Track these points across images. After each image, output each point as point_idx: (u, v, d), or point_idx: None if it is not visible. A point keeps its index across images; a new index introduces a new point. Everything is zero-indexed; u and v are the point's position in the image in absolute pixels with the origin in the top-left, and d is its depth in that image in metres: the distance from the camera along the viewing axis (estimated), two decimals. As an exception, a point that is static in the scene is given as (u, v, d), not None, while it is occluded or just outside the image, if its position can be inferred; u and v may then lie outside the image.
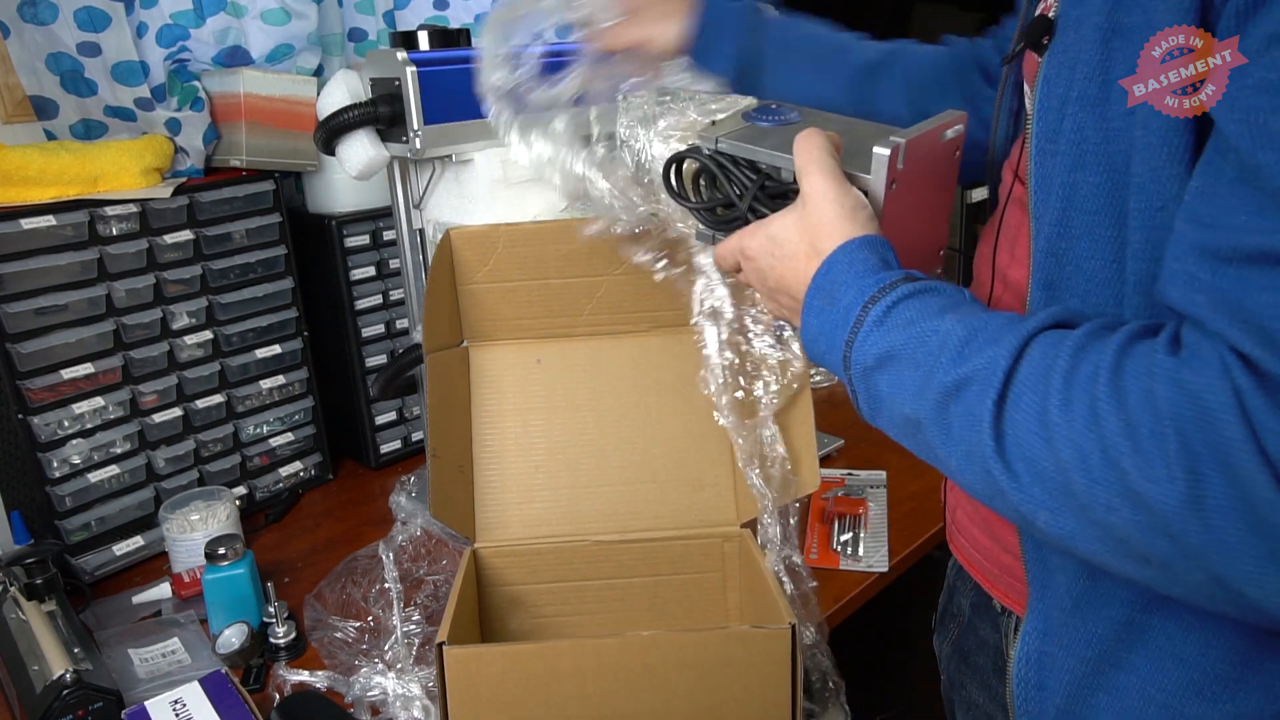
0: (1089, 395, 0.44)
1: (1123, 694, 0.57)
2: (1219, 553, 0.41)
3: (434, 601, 1.02)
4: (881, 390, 0.54)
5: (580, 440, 0.94)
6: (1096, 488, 0.44)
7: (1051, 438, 0.45)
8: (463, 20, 1.58)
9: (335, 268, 1.29)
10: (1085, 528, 0.46)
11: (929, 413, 0.51)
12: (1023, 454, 0.47)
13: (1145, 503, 0.42)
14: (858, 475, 1.26)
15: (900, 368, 0.52)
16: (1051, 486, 0.46)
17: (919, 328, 0.52)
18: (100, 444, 1.12)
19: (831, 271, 0.57)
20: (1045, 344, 0.48)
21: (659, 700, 0.73)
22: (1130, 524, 0.43)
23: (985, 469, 0.48)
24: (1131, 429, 0.43)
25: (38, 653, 0.87)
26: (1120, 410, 0.43)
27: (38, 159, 1.04)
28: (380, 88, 1.00)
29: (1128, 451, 0.43)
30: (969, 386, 0.49)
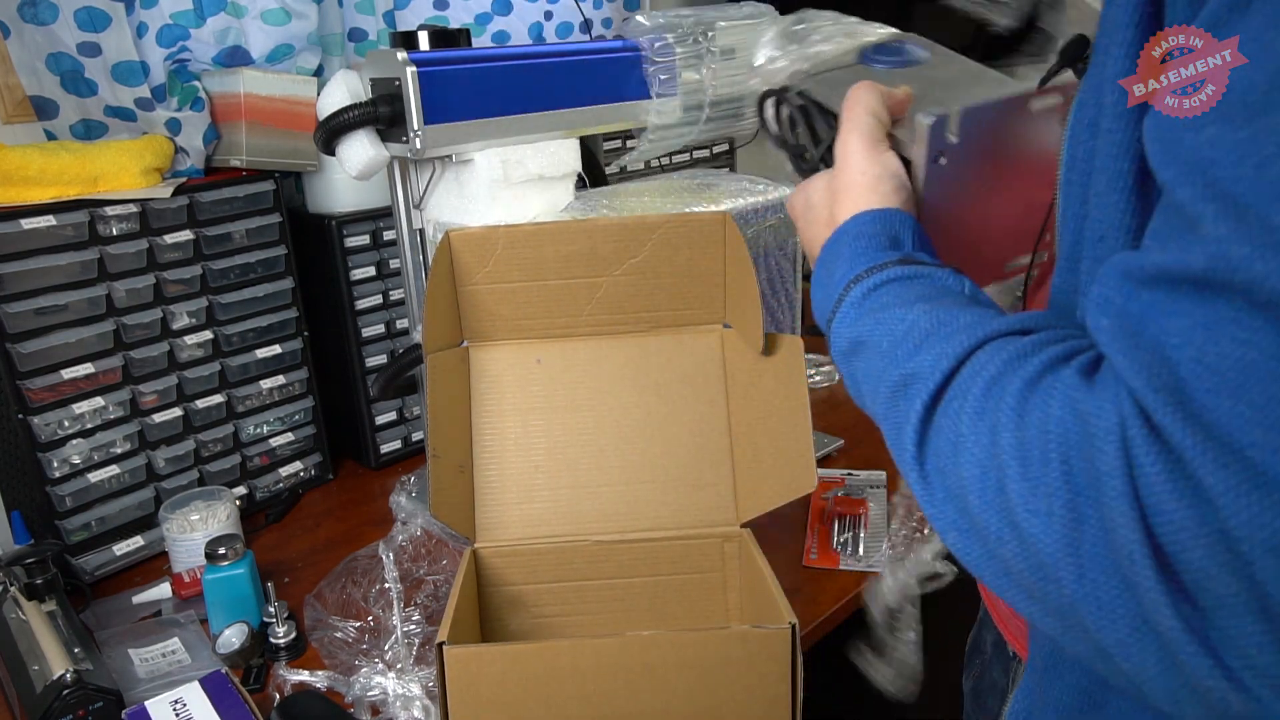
0: (996, 408, 0.40)
1: None
2: (1093, 609, 0.36)
3: (434, 601, 1.02)
4: (857, 376, 0.52)
5: (580, 440, 0.94)
6: (988, 512, 0.40)
7: (959, 450, 0.41)
8: (463, 20, 1.58)
9: (335, 268, 1.29)
10: (985, 558, 0.41)
11: (881, 408, 0.48)
12: (937, 464, 0.43)
13: (1024, 536, 0.38)
14: (858, 475, 1.26)
15: (869, 356, 0.50)
16: (957, 505, 0.42)
17: (889, 314, 0.49)
18: (100, 444, 1.12)
19: (837, 243, 0.55)
20: (992, 349, 0.44)
21: (659, 700, 0.73)
22: (1018, 559, 0.39)
23: (908, 474, 0.45)
24: (1023, 451, 0.38)
25: (38, 653, 0.87)
26: (1018, 429, 0.39)
27: (38, 159, 1.04)
28: (380, 88, 1.00)
29: (1015, 476, 0.38)
30: (911, 384, 0.46)
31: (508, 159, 1.04)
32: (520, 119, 1.04)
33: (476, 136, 1.02)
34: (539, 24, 1.67)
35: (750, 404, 0.93)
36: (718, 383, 0.95)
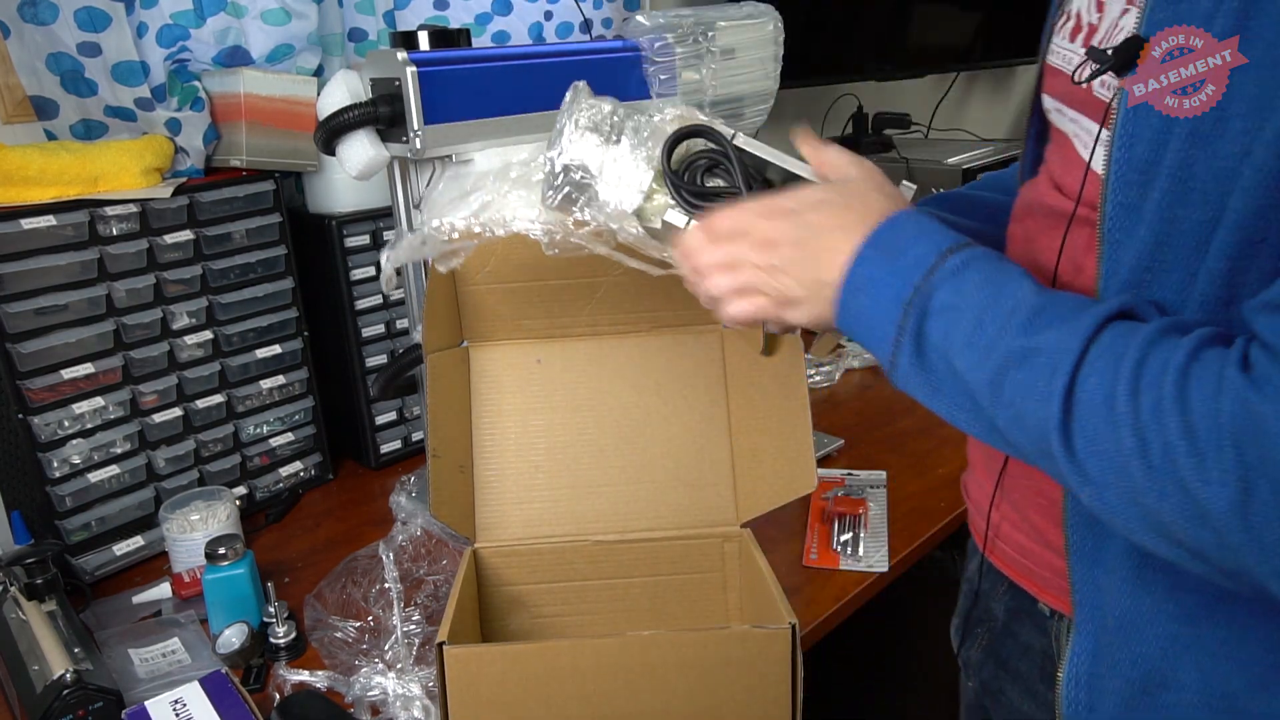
0: (1156, 390, 0.47)
1: (1173, 710, 0.58)
2: (1255, 551, 0.45)
3: (434, 601, 1.02)
4: (932, 338, 0.55)
5: (580, 440, 0.94)
6: (1151, 476, 0.47)
7: (1116, 422, 0.48)
8: (463, 20, 1.58)
9: (335, 268, 1.29)
10: (1129, 507, 0.49)
11: (986, 371, 0.52)
12: (1084, 432, 0.49)
13: (1194, 498, 0.46)
14: (858, 475, 1.26)
15: (961, 319, 0.54)
16: (1106, 466, 0.49)
17: (995, 287, 0.54)
18: (100, 444, 1.12)
19: (897, 227, 0.58)
20: (1116, 332, 0.50)
21: (659, 700, 0.73)
22: (1176, 512, 0.47)
23: (1042, 437, 0.51)
24: (1191, 432, 0.46)
25: (38, 653, 0.87)
26: (1183, 413, 0.46)
27: (38, 159, 1.04)
28: (380, 88, 1.00)
29: (1185, 452, 0.46)
30: (1036, 358, 0.51)
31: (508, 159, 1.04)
32: (520, 119, 1.04)
33: (476, 136, 1.02)
34: (539, 24, 1.67)
35: (750, 404, 0.93)
36: (718, 383, 0.95)
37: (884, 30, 2.05)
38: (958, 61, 2.19)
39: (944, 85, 2.33)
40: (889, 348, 0.57)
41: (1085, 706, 0.62)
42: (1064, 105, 0.62)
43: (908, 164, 2.00)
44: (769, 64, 1.17)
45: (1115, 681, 0.60)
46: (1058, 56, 0.63)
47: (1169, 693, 0.57)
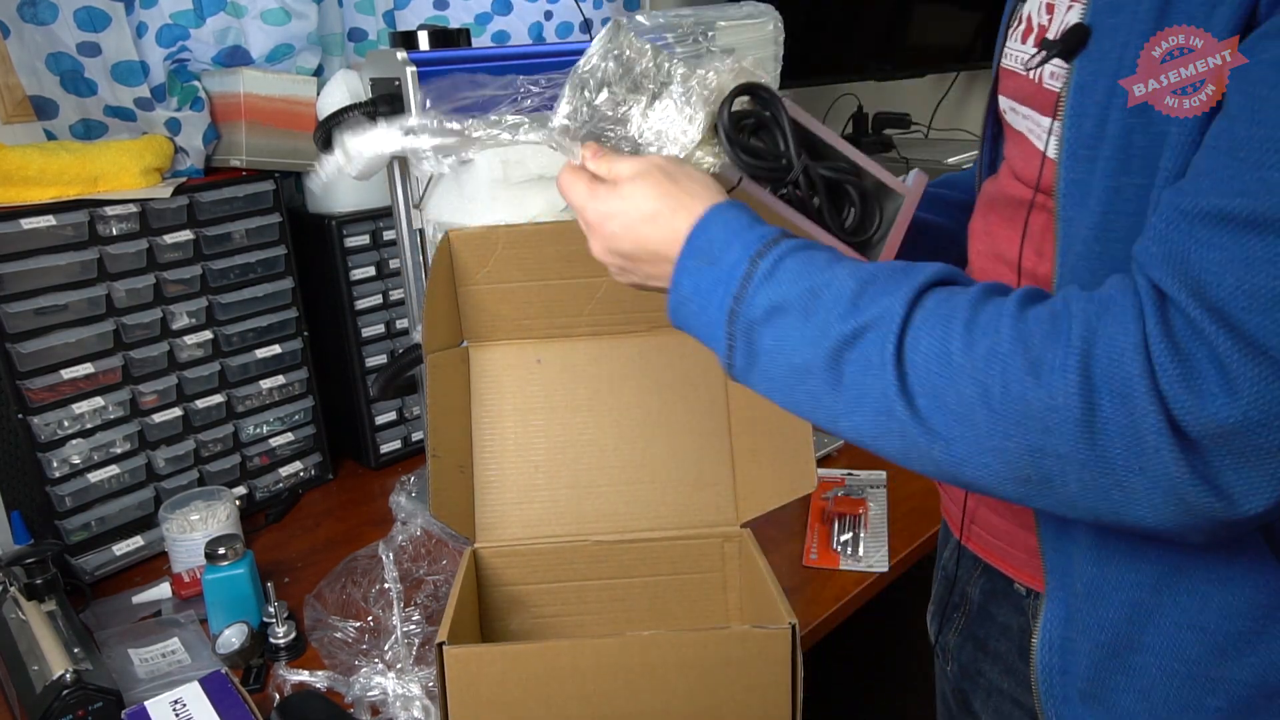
0: (991, 337, 0.49)
1: (1142, 672, 0.59)
2: (1101, 470, 0.46)
3: (434, 601, 1.02)
4: (764, 344, 0.56)
5: (580, 440, 0.94)
6: (995, 417, 0.48)
7: (954, 375, 0.49)
8: (463, 20, 1.58)
9: (335, 268, 1.29)
10: (981, 455, 0.50)
11: (821, 361, 0.54)
12: (925, 389, 0.51)
13: (1043, 425, 0.47)
14: (858, 475, 1.26)
15: (789, 320, 0.55)
16: (952, 418, 0.50)
17: (811, 280, 0.55)
18: (100, 444, 1.12)
19: (708, 231, 0.59)
20: (940, 295, 0.52)
21: (659, 700, 0.73)
22: (1022, 448, 0.48)
23: (886, 408, 0.52)
24: (1035, 365, 0.47)
25: (38, 653, 0.87)
26: (1025, 351, 0.48)
27: (38, 159, 1.04)
28: (380, 88, 1.00)
29: (1030, 385, 0.47)
30: (866, 334, 0.52)
31: (508, 159, 1.04)
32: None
33: (476, 136, 1.02)
34: (539, 24, 1.67)
35: (750, 404, 0.93)
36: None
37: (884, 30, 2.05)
38: (958, 61, 2.18)
39: (944, 85, 2.32)
40: (723, 354, 0.59)
41: (1058, 670, 0.63)
42: (1017, 104, 0.64)
43: (908, 164, 2.00)
44: (769, 64, 1.17)
45: (1085, 644, 0.61)
46: (1011, 58, 0.66)
47: (1137, 655, 0.59)
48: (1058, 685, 0.63)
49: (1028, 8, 0.64)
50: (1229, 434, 0.44)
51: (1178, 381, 0.44)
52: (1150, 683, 0.58)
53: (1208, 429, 0.44)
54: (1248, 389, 0.43)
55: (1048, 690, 0.64)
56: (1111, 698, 0.60)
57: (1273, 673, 0.55)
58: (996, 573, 0.73)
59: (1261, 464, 0.44)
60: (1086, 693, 0.61)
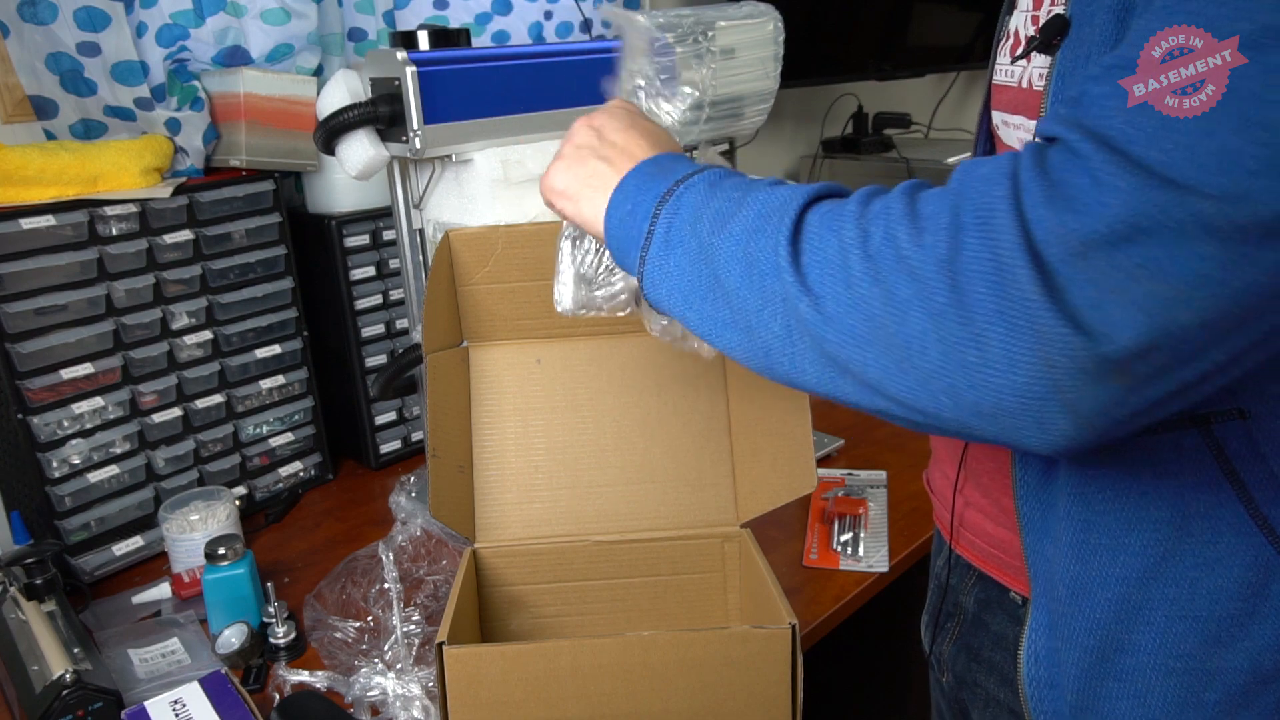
0: (883, 199, 0.49)
1: (1135, 675, 0.58)
2: (958, 320, 0.44)
3: (434, 601, 1.02)
4: (679, 225, 0.57)
5: (580, 440, 0.94)
6: (868, 262, 0.47)
7: (840, 228, 0.49)
8: (463, 20, 1.58)
9: (335, 268, 1.29)
10: (847, 312, 0.48)
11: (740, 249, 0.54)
12: (810, 249, 0.50)
13: (910, 271, 0.45)
14: (858, 475, 1.26)
15: (709, 205, 0.56)
16: (827, 270, 0.49)
17: (730, 193, 0.56)
18: (100, 444, 1.12)
19: (642, 173, 0.62)
20: (831, 202, 0.52)
21: (659, 700, 0.73)
22: (887, 299, 0.46)
23: (774, 271, 0.51)
24: (915, 215, 0.47)
25: (37, 653, 0.87)
26: (909, 203, 0.48)
27: (38, 159, 1.04)
28: (380, 88, 1.00)
29: (907, 234, 0.46)
30: (767, 211, 0.53)
31: (508, 159, 1.04)
32: (520, 119, 1.05)
33: (476, 136, 1.02)
34: (539, 24, 1.67)
35: (750, 404, 0.93)
36: (718, 383, 0.95)
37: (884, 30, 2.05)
38: (958, 61, 2.18)
39: (944, 85, 2.32)
40: (639, 244, 0.59)
41: (1046, 684, 0.62)
42: (1009, 115, 0.65)
43: (908, 164, 2.00)
44: (769, 64, 1.17)
45: (1073, 652, 0.59)
46: (1002, 74, 0.66)
47: (1127, 656, 0.57)
48: (1047, 700, 0.62)
49: (1014, 23, 0.65)
50: (1088, 248, 0.41)
51: (1042, 202, 0.42)
52: (1145, 685, 0.57)
53: (1068, 245, 0.41)
54: (1116, 199, 0.41)
55: (1037, 705, 0.63)
56: (1104, 707, 0.59)
57: (1266, 657, 0.55)
58: (990, 581, 0.73)
59: (1124, 288, 0.41)
60: (1077, 705, 0.60)
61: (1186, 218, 0.40)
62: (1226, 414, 0.53)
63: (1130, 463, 0.55)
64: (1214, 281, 0.40)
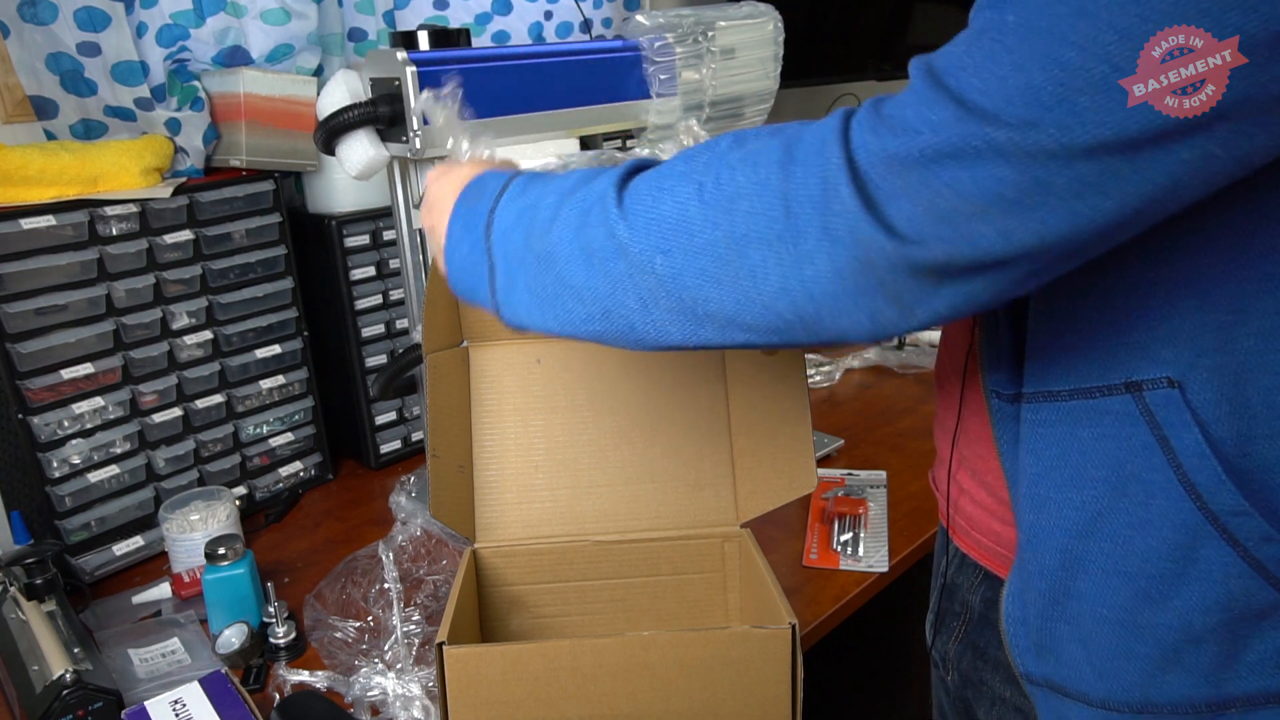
0: (709, 149, 0.53)
1: (1079, 620, 0.60)
2: (791, 240, 0.48)
3: (434, 601, 1.02)
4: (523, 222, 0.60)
5: (580, 440, 0.94)
6: (706, 209, 0.51)
7: (672, 185, 0.53)
8: (463, 20, 1.58)
9: (335, 268, 1.29)
10: (692, 261, 0.52)
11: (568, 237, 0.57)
12: (640, 210, 0.54)
13: (748, 208, 0.49)
14: (858, 475, 1.26)
15: (534, 211, 0.60)
16: (667, 228, 0.53)
17: (547, 185, 0.61)
18: (100, 444, 1.12)
19: (473, 183, 0.67)
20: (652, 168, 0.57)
21: (659, 700, 0.73)
22: (729, 238, 0.50)
23: (610, 245, 0.55)
24: (747, 153, 0.51)
25: (38, 653, 0.87)
26: (737, 143, 0.52)
27: (38, 159, 1.04)
28: (380, 88, 1.00)
29: (742, 169, 0.50)
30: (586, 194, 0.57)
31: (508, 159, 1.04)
32: (520, 119, 1.04)
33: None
34: (539, 24, 1.67)
35: (750, 404, 0.93)
36: (718, 383, 0.95)
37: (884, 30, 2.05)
38: (958, 61, 2.18)
39: (944, 85, 2.32)
40: (484, 279, 0.63)
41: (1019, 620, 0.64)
42: None
43: (908, 164, 2.00)
44: (769, 64, 1.17)
45: (1032, 595, 0.62)
46: None
47: (1074, 602, 0.60)
48: (1020, 636, 0.65)
49: None
50: (904, 167, 0.45)
51: (869, 129, 0.46)
52: (1086, 630, 0.60)
53: (887, 165, 0.45)
54: (931, 128, 0.44)
55: (1014, 642, 0.65)
56: (1058, 648, 0.62)
57: (1195, 617, 0.56)
58: (996, 579, 0.73)
59: (932, 203, 0.45)
60: (1039, 644, 0.63)
61: (984, 144, 0.44)
62: (1156, 382, 0.55)
63: (1072, 422, 0.58)
64: (1007, 200, 0.44)
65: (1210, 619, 0.56)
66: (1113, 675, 0.60)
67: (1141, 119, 0.42)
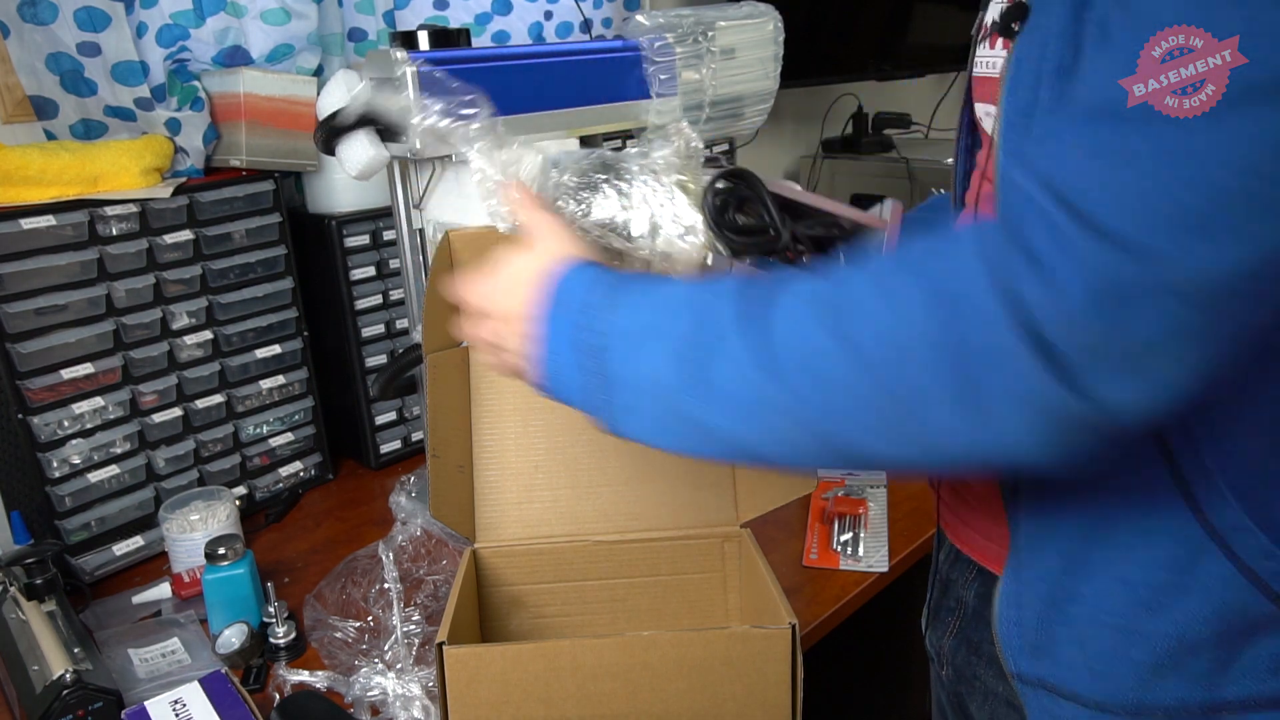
0: (844, 288, 0.50)
1: (1077, 622, 0.61)
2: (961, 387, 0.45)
3: (434, 601, 1.02)
4: (615, 370, 0.57)
5: (580, 440, 0.94)
6: (855, 359, 0.48)
7: (815, 333, 0.50)
8: (463, 20, 1.58)
9: (335, 268, 1.29)
10: (850, 406, 0.49)
11: (685, 370, 0.54)
12: (790, 359, 0.50)
13: (900, 353, 0.46)
14: (858, 475, 1.26)
15: (641, 338, 0.56)
16: (818, 379, 0.49)
17: (651, 298, 0.57)
18: (100, 444, 1.12)
19: (564, 280, 0.62)
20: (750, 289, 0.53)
21: (659, 700, 0.73)
22: (888, 385, 0.47)
23: (756, 393, 0.51)
24: (886, 292, 0.48)
25: (38, 653, 0.87)
26: (875, 282, 0.49)
27: (38, 159, 1.04)
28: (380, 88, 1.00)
29: (884, 312, 0.47)
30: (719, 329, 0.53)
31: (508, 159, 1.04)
32: (520, 119, 1.04)
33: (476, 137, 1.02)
34: (539, 24, 1.67)
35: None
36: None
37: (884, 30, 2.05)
38: (957, 62, 2.18)
39: (944, 85, 2.32)
40: (585, 398, 0.60)
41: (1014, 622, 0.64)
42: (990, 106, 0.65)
43: (908, 164, 2.00)
44: (769, 64, 1.17)
45: (1031, 596, 0.63)
46: (981, 65, 0.67)
47: (1074, 604, 0.60)
48: (1015, 638, 0.65)
49: (989, 15, 0.66)
50: (1073, 320, 0.42)
51: (1023, 276, 0.43)
52: (1084, 632, 0.60)
53: (1056, 315, 0.43)
54: (1081, 267, 0.42)
55: (1007, 644, 0.66)
56: (1055, 649, 0.62)
57: (1192, 627, 0.57)
58: (989, 575, 0.73)
59: (1116, 355, 0.43)
60: (1035, 645, 0.63)
61: (1148, 282, 0.41)
62: None
63: None
64: (1192, 335, 0.42)
65: (1207, 629, 0.57)
66: (1108, 677, 0.60)
67: None
